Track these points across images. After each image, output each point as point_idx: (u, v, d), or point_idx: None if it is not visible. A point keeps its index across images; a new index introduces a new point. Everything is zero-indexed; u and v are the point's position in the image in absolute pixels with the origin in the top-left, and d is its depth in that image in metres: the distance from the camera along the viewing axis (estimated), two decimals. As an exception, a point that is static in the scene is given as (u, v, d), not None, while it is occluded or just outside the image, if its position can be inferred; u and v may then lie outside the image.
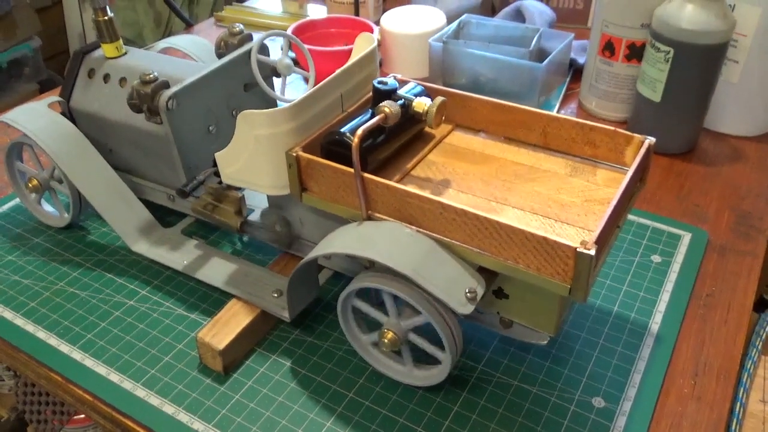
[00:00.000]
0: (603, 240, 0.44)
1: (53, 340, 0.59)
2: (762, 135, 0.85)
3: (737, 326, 0.60)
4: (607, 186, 0.53)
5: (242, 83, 0.67)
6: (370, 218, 0.51)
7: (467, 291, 0.46)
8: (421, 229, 0.49)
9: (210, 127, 0.65)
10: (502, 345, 0.57)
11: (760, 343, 0.69)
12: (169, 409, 0.53)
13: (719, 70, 0.75)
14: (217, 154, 0.55)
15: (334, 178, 0.51)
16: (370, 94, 0.59)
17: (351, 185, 0.50)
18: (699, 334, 0.59)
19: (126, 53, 0.69)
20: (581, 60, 0.96)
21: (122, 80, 0.66)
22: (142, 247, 0.65)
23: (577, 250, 0.42)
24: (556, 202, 0.51)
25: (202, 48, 0.77)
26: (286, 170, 0.53)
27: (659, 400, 0.53)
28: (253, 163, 0.53)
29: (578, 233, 0.48)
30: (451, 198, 0.52)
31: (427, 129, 0.60)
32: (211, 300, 0.63)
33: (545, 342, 0.52)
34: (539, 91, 0.86)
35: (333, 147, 0.52)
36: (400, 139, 0.56)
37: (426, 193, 0.47)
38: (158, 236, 0.67)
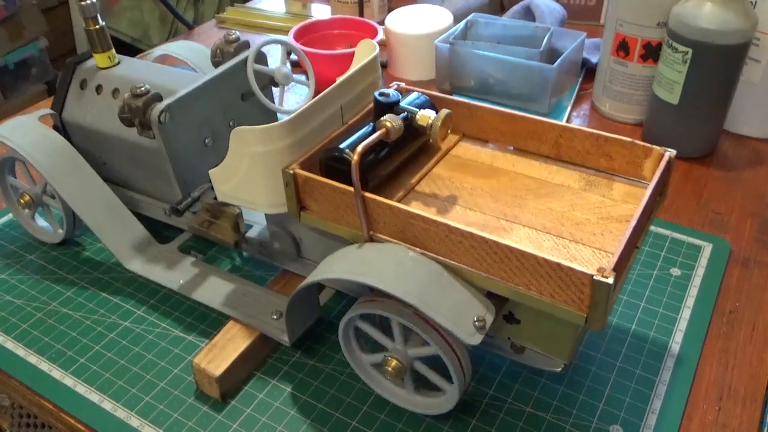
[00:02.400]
0: (621, 265, 0.41)
1: (45, 365, 0.57)
2: (785, 136, 0.81)
3: (764, 345, 0.56)
4: (624, 202, 0.50)
5: (239, 93, 0.65)
6: (372, 239, 0.48)
7: (476, 319, 0.43)
8: (426, 252, 0.46)
9: (206, 140, 0.62)
10: (514, 368, 0.54)
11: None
12: (163, 440, 0.51)
13: (740, 70, 0.72)
14: (211, 172, 0.53)
15: (333, 196, 0.48)
16: (372, 105, 0.56)
17: (351, 204, 0.48)
18: (723, 355, 0.56)
19: (119, 63, 0.67)
20: (594, 59, 0.93)
21: (115, 91, 0.64)
22: (137, 266, 0.63)
23: (594, 278, 0.39)
24: (570, 219, 0.48)
25: (199, 54, 0.75)
26: (283, 188, 0.50)
27: (681, 428, 0.50)
28: (249, 180, 0.51)
29: (594, 255, 0.45)
30: (458, 216, 0.49)
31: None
32: (209, 320, 0.60)
33: (559, 369, 0.49)
34: (551, 92, 0.83)
35: (332, 163, 0.49)
36: (404, 153, 0.53)
37: (431, 215, 0.44)
38: (153, 253, 0.64)
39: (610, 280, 0.38)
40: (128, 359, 0.57)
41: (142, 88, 0.57)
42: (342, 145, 0.48)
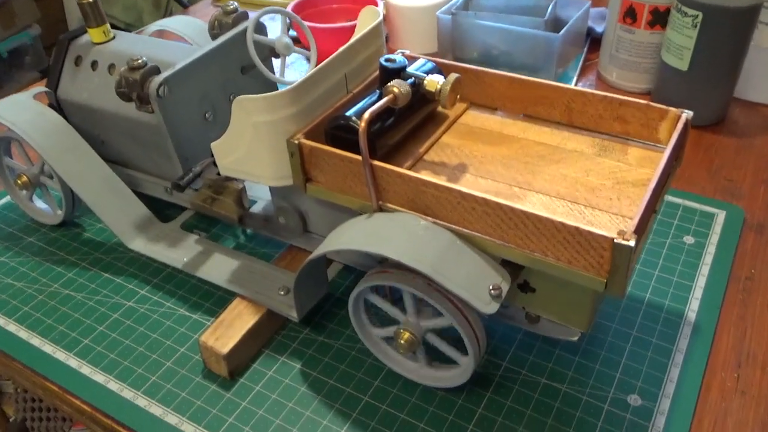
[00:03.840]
0: (641, 228, 0.39)
1: (48, 347, 0.56)
2: (796, 102, 0.80)
3: (781, 311, 0.55)
4: (640, 166, 0.48)
5: (239, 66, 0.63)
6: (381, 209, 0.46)
7: (491, 288, 0.42)
8: (437, 221, 0.44)
9: (206, 114, 0.61)
10: (528, 339, 0.53)
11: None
12: (172, 419, 0.49)
13: (751, 34, 0.70)
14: (213, 144, 0.51)
15: (340, 166, 0.47)
16: (377, 72, 0.54)
17: (359, 174, 0.46)
18: (740, 322, 0.54)
19: (114, 38, 0.65)
20: (599, 29, 0.91)
21: (111, 67, 0.62)
22: (139, 245, 0.61)
23: (615, 241, 0.37)
24: (585, 185, 0.47)
25: (196, 29, 0.73)
26: (288, 159, 0.49)
27: (700, 396, 0.49)
28: (252, 152, 0.49)
29: (612, 220, 0.44)
30: (469, 184, 0.48)
31: (440, 109, 0.55)
32: (214, 298, 0.59)
33: (576, 338, 0.48)
34: (556, 62, 0.81)
35: (338, 132, 0.48)
36: (411, 121, 0.51)
37: (443, 181, 0.43)
38: (156, 232, 0.63)
39: (632, 243, 0.37)
40: (133, 339, 0.56)
41: (139, 61, 0.55)
42: (348, 113, 0.47)
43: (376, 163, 0.45)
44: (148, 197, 0.66)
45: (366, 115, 0.44)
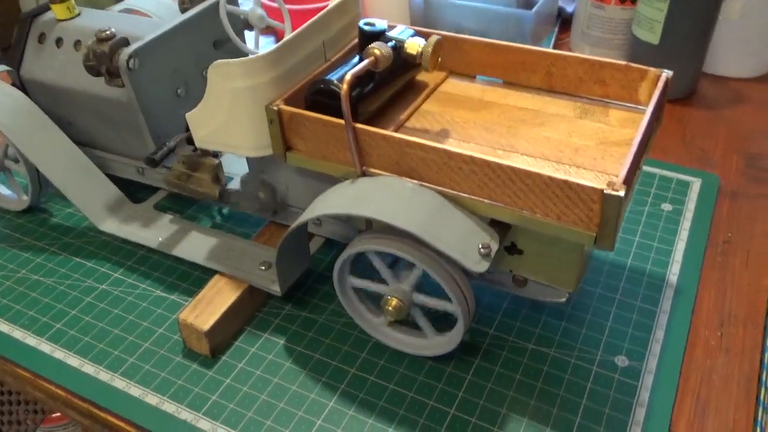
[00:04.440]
0: (629, 180, 0.39)
1: (18, 333, 0.53)
2: (762, 76, 0.81)
3: (759, 271, 0.56)
4: (622, 127, 0.48)
5: (212, 40, 0.61)
6: (364, 175, 0.46)
7: (481, 247, 0.41)
8: (423, 183, 0.44)
9: (178, 90, 0.59)
10: (513, 306, 0.53)
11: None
12: (152, 399, 0.48)
13: (720, 4, 0.71)
14: (188, 115, 0.49)
15: (322, 132, 0.46)
16: (356, 41, 0.53)
17: (341, 139, 0.45)
18: (720, 283, 0.55)
19: (79, 14, 0.63)
20: (569, 8, 0.91)
21: (77, 43, 0.60)
22: (111, 226, 0.59)
23: (605, 192, 0.37)
24: (569, 146, 0.47)
25: (166, 10, 0.71)
26: (267, 128, 0.48)
27: (686, 355, 0.49)
28: (230, 121, 0.48)
29: (597, 177, 0.43)
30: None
31: (418, 78, 0.55)
32: (192, 279, 0.57)
33: (563, 299, 0.48)
34: (529, 41, 0.81)
35: (319, 98, 0.47)
36: (391, 87, 0.51)
37: (429, 142, 0.42)
38: (128, 213, 0.61)
39: (621, 193, 0.37)
40: (108, 322, 0.54)
41: (108, 32, 0.53)
42: (329, 77, 0.46)
43: (360, 126, 0.44)
44: (119, 180, 0.64)
45: (347, 76, 0.43)
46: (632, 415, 0.45)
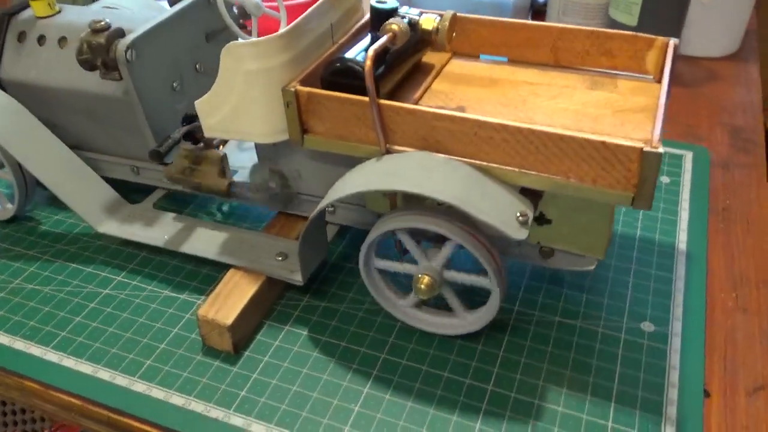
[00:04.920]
0: (661, 139, 0.40)
1: (20, 344, 0.50)
2: (732, 54, 0.84)
3: (761, 234, 0.58)
4: (634, 95, 0.49)
5: (204, 33, 0.59)
6: (388, 153, 0.45)
7: (519, 215, 0.41)
8: (451, 157, 0.43)
9: (174, 84, 0.57)
10: (533, 282, 0.53)
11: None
12: (178, 400, 0.45)
13: (695, -16, 0.73)
14: (197, 102, 0.48)
15: (342, 111, 0.45)
16: (361, 22, 0.53)
17: (363, 117, 0.44)
18: (726, 248, 0.56)
19: (60, 11, 0.60)
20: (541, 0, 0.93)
21: (62, 40, 0.57)
22: (111, 227, 0.57)
23: (644, 150, 0.38)
24: (586, 116, 0.47)
25: (146, 8, 0.68)
26: (283, 111, 0.46)
27: (707, 316, 0.50)
28: (243, 106, 0.46)
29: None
30: (472, 123, 0.47)
31: (423, 60, 0.54)
32: (200, 277, 0.55)
33: (592, 267, 0.48)
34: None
35: (336, 78, 0.46)
36: (403, 68, 0.50)
37: (458, 113, 0.41)
38: (128, 213, 0.58)
39: (661, 150, 0.37)
40: (117, 326, 0.51)
41: (103, 23, 0.51)
42: (345, 56, 0.45)
43: (384, 102, 0.43)
44: (110, 183, 0.61)
45: (370, 52, 0.42)
46: (667, 377, 0.45)
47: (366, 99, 0.43)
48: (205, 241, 0.54)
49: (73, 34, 0.57)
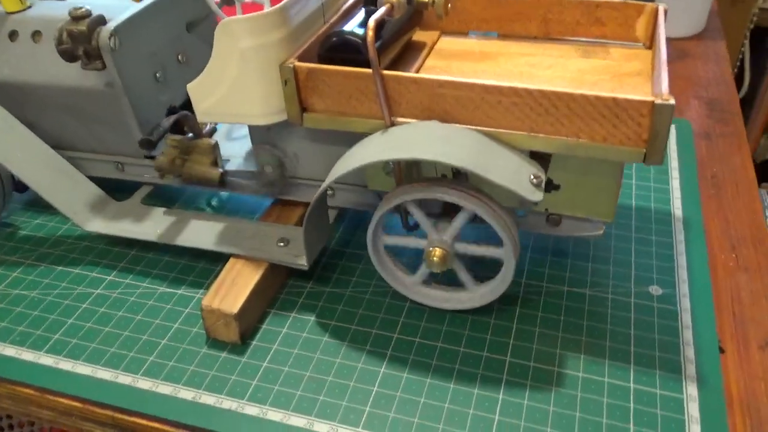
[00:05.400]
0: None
1: (10, 350, 0.47)
2: (698, 33, 0.87)
3: (749, 198, 0.59)
4: (627, 61, 0.49)
5: (185, 23, 0.58)
6: (393, 125, 0.44)
7: (531, 177, 0.40)
8: (459, 125, 0.43)
9: (157, 74, 0.55)
10: (537, 256, 0.53)
11: None
12: (187, 394, 0.43)
13: (663, -35, 0.75)
14: (189, 86, 0.46)
15: (344, 85, 0.44)
16: (347, 4, 0.52)
17: (366, 91, 0.43)
18: (720, 212, 0.57)
19: (31, 6, 0.57)
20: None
21: (36, 34, 0.55)
22: (99, 225, 0.54)
23: (656, 102, 0.38)
24: (585, 82, 0.47)
25: (124, 8, 0.66)
26: (281, 90, 0.45)
27: (711, 277, 0.51)
28: (240, 86, 0.45)
29: (625, 102, 0.44)
30: (473, 94, 0.46)
31: (414, 38, 0.54)
32: (197, 271, 0.53)
33: (601, 232, 0.48)
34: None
35: (334, 54, 0.45)
36: (397, 44, 0.49)
37: (464, 78, 0.41)
38: (115, 210, 0.56)
39: (672, 101, 0.38)
40: (113, 325, 0.49)
41: (83, 10, 0.49)
42: (343, 29, 0.44)
43: (388, 72, 0.42)
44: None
45: (371, 22, 0.41)
46: (681, 337, 0.46)
47: (369, 71, 0.42)
48: (202, 233, 0.52)
49: (47, 28, 0.54)
